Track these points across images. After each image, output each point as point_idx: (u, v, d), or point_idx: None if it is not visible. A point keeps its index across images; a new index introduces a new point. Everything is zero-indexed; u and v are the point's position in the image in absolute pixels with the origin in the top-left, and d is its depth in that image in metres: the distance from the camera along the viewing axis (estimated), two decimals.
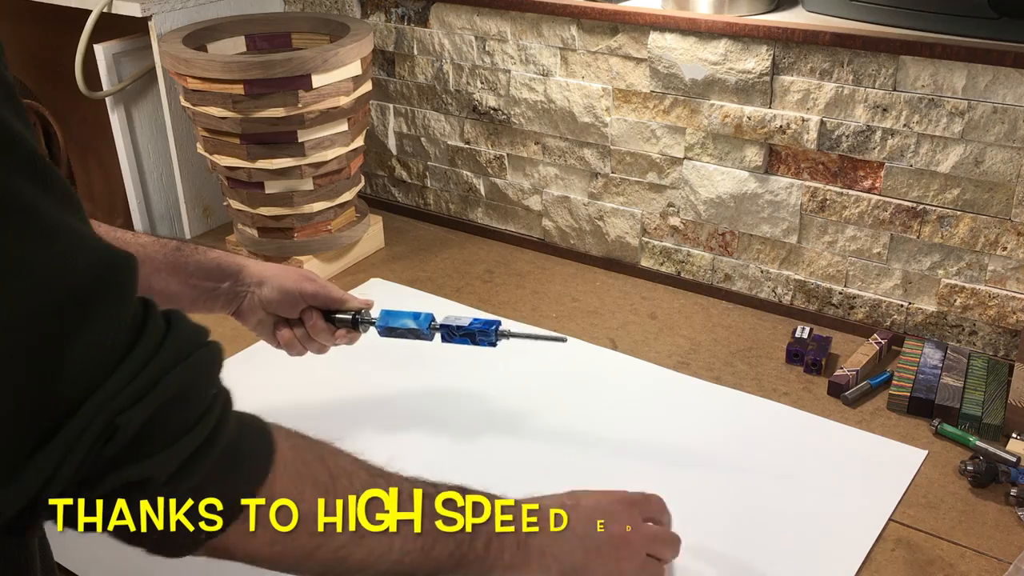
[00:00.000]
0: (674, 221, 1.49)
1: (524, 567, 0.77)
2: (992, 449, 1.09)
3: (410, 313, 1.04)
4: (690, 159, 1.43)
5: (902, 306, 1.34)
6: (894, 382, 1.21)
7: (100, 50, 1.60)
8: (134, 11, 1.51)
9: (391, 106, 1.73)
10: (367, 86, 1.49)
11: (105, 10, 1.54)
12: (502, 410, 1.20)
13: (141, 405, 0.54)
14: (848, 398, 1.20)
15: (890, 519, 1.02)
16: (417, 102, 1.69)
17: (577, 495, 0.84)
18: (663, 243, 1.51)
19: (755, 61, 1.31)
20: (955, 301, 1.30)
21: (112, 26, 1.57)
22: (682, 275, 1.51)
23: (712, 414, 1.20)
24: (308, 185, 1.46)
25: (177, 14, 1.55)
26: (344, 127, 1.46)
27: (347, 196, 1.54)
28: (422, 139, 1.71)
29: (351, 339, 1.08)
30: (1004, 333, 1.27)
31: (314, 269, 1.52)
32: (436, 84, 1.65)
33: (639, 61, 1.41)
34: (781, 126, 1.33)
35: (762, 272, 1.44)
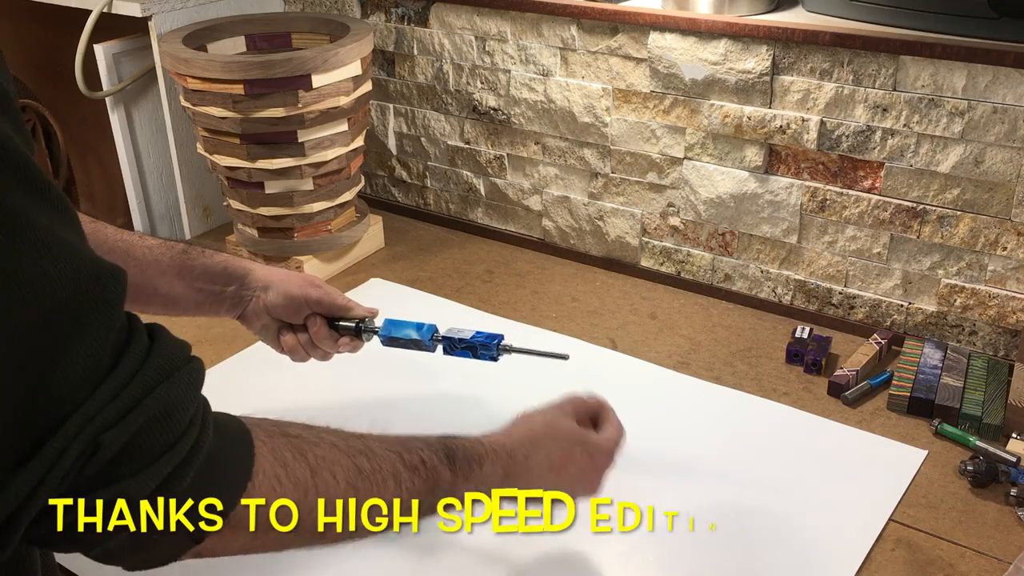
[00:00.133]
0: (674, 221, 1.49)
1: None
2: (992, 449, 1.09)
3: (413, 324, 1.04)
4: (690, 159, 1.43)
5: (902, 306, 1.34)
6: (894, 382, 1.21)
7: (100, 50, 1.60)
8: (134, 11, 1.51)
9: (391, 106, 1.73)
10: (367, 86, 1.49)
11: (105, 10, 1.54)
12: (502, 410, 1.18)
13: (124, 423, 0.54)
14: (848, 398, 1.20)
15: (890, 519, 1.02)
16: (417, 102, 1.69)
17: (535, 439, 0.87)
18: (663, 243, 1.51)
19: (755, 61, 1.31)
20: (955, 301, 1.30)
21: (112, 26, 1.57)
22: (682, 275, 1.51)
23: (712, 414, 1.20)
24: (308, 185, 1.46)
25: (177, 14, 1.55)
26: (344, 127, 1.46)
27: (347, 196, 1.54)
28: (422, 139, 1.71)
29: (354, 347, 1.07)
30: (1004, 333, 1.27)
31: (314, 269, 1.52)
32: (436, 84, 1.64)
33: (639, 61, 1.41)
34: (781, 126, 1.33)
35: (762, 272, 1.44)
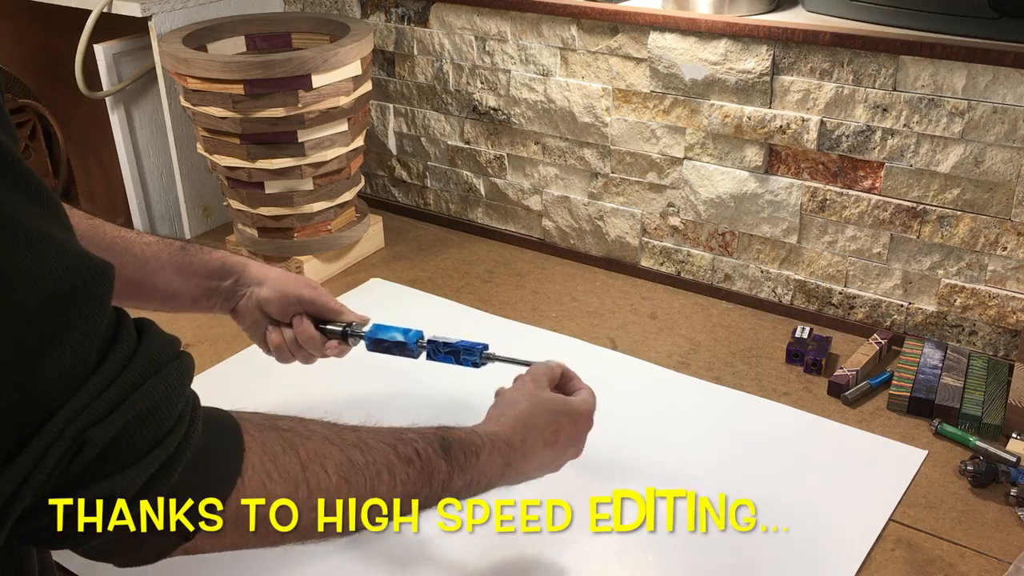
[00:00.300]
0: (674, 221, 1.49)
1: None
2: (992, 449, 1.09)
3: (400, 328, 1.04)
4: (690, 159, 1.43)
5: (902, 306, 1.34)
6: (894, 382, 1.21)
7: (100, 50, 1.60)
8: (134, 11, 1.51)
9: (391, 106, 1.73)
10: (367, 86, 1.49)
11: (105, 10, 1.54)
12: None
13: (110, 420, 0.54)
14: (848, 398, 1.20)
15: (890, 519, 1.02)
16: (417, 102, 1.69)
17: (522, 429, 0.89)
18: (663, 243, 1.51)
19: (755, 61, 1.31)
20: (955, 301, 1.29)
21: (112, 26, 1.57)
22: (682, 275, 1.51)
23: (712, 414, 1.20)
24: (308, 185, 1.46)
25: (177, 14, 1.55)
26: (344, 127, 1.46)
27: (347, 196, 1.54)
28: (422, 139, 1.71)
29: (340, 351, 1.07)
30: (1004, 333, 1.27)
31: (314, 269, 1.52)
32: (436, 84, 1.64)
33: (639, 61, 1.41)
34: (781, 126, 1.33)
35: (762, 272, 1.44)
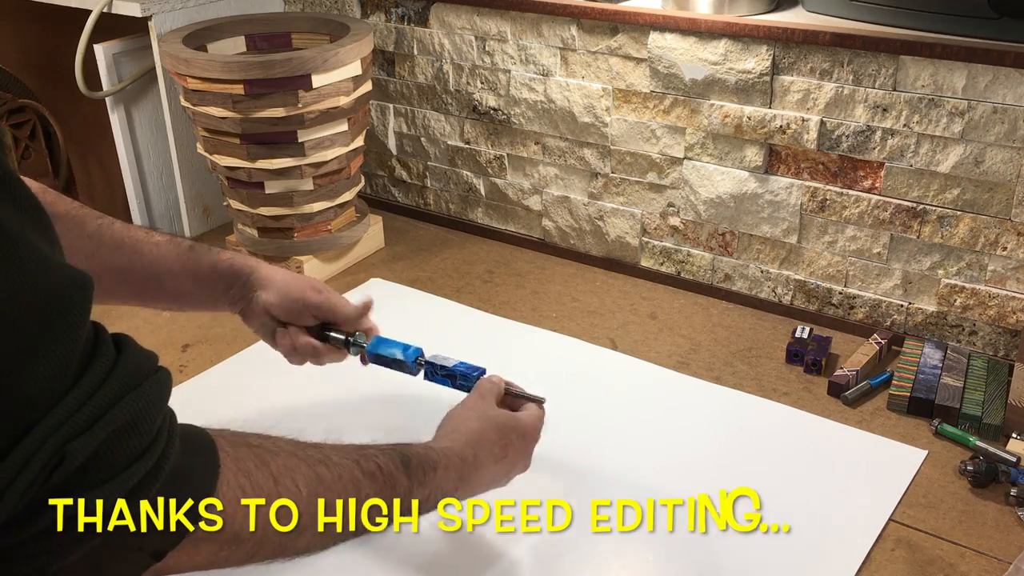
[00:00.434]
0: (674, 221, 1.49)
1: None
2: (992, 449, 1.09)
3: (400, 344, 1.04)
4: (690, 159, 1.43)
5: (902, 306, 1.34)
6: (894, 382, 1.21)
7: (100, 50, 1.60)
8: (134, 11, 1.51)
9: (391, 106, 1.73)
10: (367, 86, 1.49)
11: (105, 10, 1.54)
12: None
13: (91, 433, 0.53)
14: (848, 398, 1.20)
15: (890, 519, 1.02)
16: (417, 102, 1.69)
17: (474, 445, 0.88)
18: (663, 243, 1.51)
19: (755, 61, 1.31)
20: (955, 301, 1.30)
21: (112, 26, 1.57)
22: (682, 275, 1.51)
23: (712, 414, 1.20)
24: (308, 185, 1.46)
25: (177, 14, 1.55)
26: (344, 127, 1.46)
27: (347, 196, 1.54)
28: (422, 139, 1.71)
29: (340, 357, 1.07)
30: (1004, 333, 1.27)
31: (314, 269, 1.52)
32: (436, 84, 1.64)
33: (639, 61, 1.41)
34: (781, 126, 1.33)
35: (762, 272, 1.44)
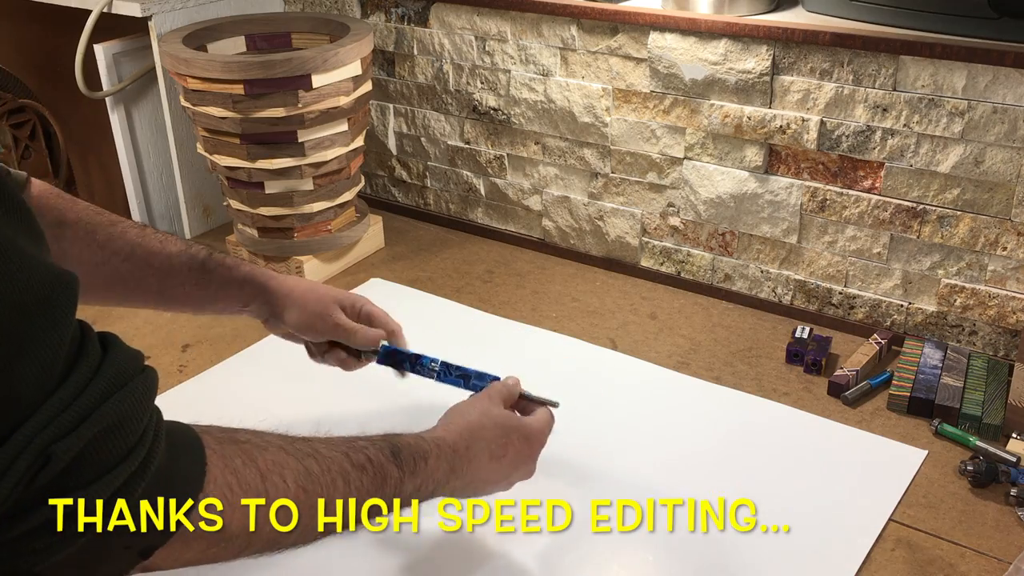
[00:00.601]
0: (674, 221, 1.49)
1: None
2: (992, 449, 1.09)
3: (414, 352, 1.06)
4: (690, 159, 1.43)
5: (902, 306, 1.34)
6: (894, 382, 1.21)
7: (100, 50, 1.60)
8: (134, 11, 1.51)
9: (391, 106, 1.73)
10: (367, 86, 1.49)
11: (105, 10, 1.54)
12: None
13: (77, 434, 0.53)
14: (848, 398, 1.20)
15: (890, 519, 1.02)
16: (417, 102, 1.69)
17: (471, 444, 0.87)
18: (663, 243, 1.51)
19: (755, 61, 1.31)
20: (955, 301, 1.30)
21: (112, 26, 1.57)
22: (682, 275, 1.51)
23: (712, 414, 1.20)
24: (308, 185, 1.46)
25: (177, 14, 1.55)
26: (344, 127, 1.46)
27: (347, 196, 1.54)
28: (422, 139, 1.71)
29: (349, 366, 1.09)
30: (1004, 333, 1.27)
31: (314, 269, 1.52)
32: (436, 84, 1.64)
33: (639, 61, 1.41)
34: (781, 126, 1.33)
35: (762, 272, 1.44)
